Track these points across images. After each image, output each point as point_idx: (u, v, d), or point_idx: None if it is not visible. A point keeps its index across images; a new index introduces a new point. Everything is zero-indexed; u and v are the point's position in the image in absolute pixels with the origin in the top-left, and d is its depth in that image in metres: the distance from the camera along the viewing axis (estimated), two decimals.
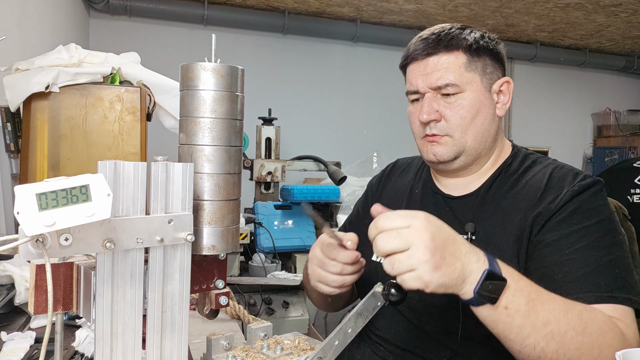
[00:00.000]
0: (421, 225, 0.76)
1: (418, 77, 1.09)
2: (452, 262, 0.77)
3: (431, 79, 1.07)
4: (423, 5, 4.04)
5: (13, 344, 1.03)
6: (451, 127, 1.07)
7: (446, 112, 1.07)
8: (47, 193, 0.56)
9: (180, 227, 0.69)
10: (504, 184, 1.09)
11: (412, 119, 1.14)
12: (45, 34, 2.56)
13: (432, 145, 1.09)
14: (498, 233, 1.03)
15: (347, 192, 2.75)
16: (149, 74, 1.75)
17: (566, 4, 3.92)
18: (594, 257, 0.94)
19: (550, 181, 1.04)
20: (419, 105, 1.10)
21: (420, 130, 1.10)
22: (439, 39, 1.08)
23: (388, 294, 0.80)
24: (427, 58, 1.08)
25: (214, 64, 0.73)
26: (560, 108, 5.39)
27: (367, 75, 4.70)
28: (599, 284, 0.91)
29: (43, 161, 1.55)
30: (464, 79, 1.07)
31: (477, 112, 1.08)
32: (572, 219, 0.98)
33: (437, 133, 1.08)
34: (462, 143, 1.08)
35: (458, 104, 1.07)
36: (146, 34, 4.02)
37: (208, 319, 0.82)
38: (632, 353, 0.69)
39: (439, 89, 1.07)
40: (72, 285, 0.67)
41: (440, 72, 1.06)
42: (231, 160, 0.75)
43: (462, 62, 1.08)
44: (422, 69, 1.09)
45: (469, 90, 1.07)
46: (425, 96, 1.08)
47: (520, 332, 0.82)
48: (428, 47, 1.08)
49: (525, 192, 1.06)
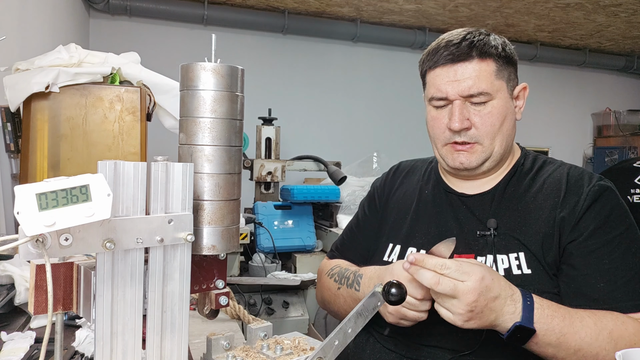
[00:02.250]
0: (472, 287, 0.86)
1: (447, 84, 1.07)
2: (487, 315, 0.89)
3: (463, 86, 1.05)
4: (423, 5, 4.04)
5: (13, 344, 1.03)
6: (481, 135, 1.07)
7: (476, 120, 1.07)
8: (47, 193, 0.56)
9: (180, 227, 0.69)
10: (521, 183, 1.12)
11: (434, 124, 1.12)
12: (45, 34, 2.56)
13: (460, 154, 1.09)
14: (520, 229, 1.05)
15: (347, 192, 2.75)
16: (149, 74, 1.75)
17: (566, 4, 3.92)
18: (631, 264, 0.99)
19: (569, 182, 1.08)
20: (444, 112, 1.09)
21: (446, 137, 1.09)
22: (472, 45, 1.06)
23: (388, 294, 0.80)
24: (457, 64, 1.06)
25: (214, 64, 0.73)
26: (560, 108, 5.39)
27: (367, 75, 4.69)
28: (637, 291, 0.98)
29: (43, 161, 1.55)
30: (494, 87, 1.07)
31: (504, 119, 1.09)
32: (606, 227, 1.02)
33: (468, 141, 1.08)
34: (490, 150, 1.09)
35: (488, 112, 1.07)
36: (146, 34, 4.02)
37: (208, 319, 0.82)
38: (632, 353, 0.69)
39: (470, 97, 1.06)
40: (72, 285, 0.67)
41: (472, 80, 1.05)
42: (231, 160, 0.75)
43: (493, 70, 1.08)
44: (452, 75, 1.06)
45: (498, 97, 1.08)
46: (455, 103, 1.06)
47: (554, 356, 0.93)
48: (460, 53, 1.06)
49: (545, 191, 1.08)
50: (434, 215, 1.16)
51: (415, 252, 1.10)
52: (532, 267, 1.02)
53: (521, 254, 1.03)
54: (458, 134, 1.07)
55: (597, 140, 5.54)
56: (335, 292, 1.19)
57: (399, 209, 1.24)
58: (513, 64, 1.13)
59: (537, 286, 0.99)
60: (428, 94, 1.13)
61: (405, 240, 1.17)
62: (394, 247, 1.18)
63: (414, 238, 1.15)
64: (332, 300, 1.23)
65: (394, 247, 1.17)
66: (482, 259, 1.06)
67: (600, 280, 0.98)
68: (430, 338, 1.05)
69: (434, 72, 1.10)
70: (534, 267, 1.01)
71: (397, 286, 0.80)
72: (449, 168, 1.14)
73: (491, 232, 1.05)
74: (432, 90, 1.10)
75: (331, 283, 1.22)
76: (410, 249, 1.14)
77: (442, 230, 1.12)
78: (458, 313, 0.87)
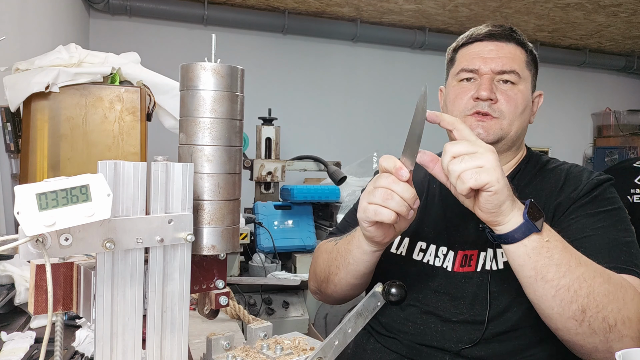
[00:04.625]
0: (489, 148, 0.81)
1: (481, 59, 1.12)
2: (506, 189, 0.81)
3: (497, 62, 1.11)
4: (423, 5, 4.04)
5: (13, 344, 1.03)
6: (503, 111, 1.10)
7: (501, 97, 1.10)
8: (47, 193, 0.56)
9: (180, 227, 0.69)
10: (526, 176, 1.15)
11: (457, 96, 1.13)
12: (45, 34, 2.56)
13: (480, 125, 1.10)
14: None
15: (347, 192, 2.75)
16: (149, 74, 1.75)
17: (566, 4, 3.92)
18: (614, 236, 0.98)
19: (569, 175, 1.11)
20: (470, 85, 1.12)
21: (469, 107, 1.11)
22: (511, 31, 1.14)
23: (388, 294, 0.80)
24: (496, 41, 1.12)
25: (214, 64, 0.73)
26: (560, 108, 5.39)
27: (367, 75, 4.69)
28: (619, 257, 0.95)
29: (43, 161, 1.55)
30: (524, 74, 1.13)
31: (525, 108, 1.13)
32: (593, 204, 1.03)
33: (490, 113, 1.10)
34: (508, 130, 1.11)
35: (514, 93, 1.11)
36: (146, 34, 4.02)
37: (208, 319, 0.82)
38: (632, 353, 0.69)
39: (502, 74, 1.10)
40: (72, 285, 0.67)
41: (507, 59, 1.11)
42: (231, 160, 0.75)
43: (525, 58, 1.14)
44: (487, 51, 1.12)
45: (524, 85, 1.13)
46: (484, 77, 1.10)
47: (558, 270, 0.83)
48: (502, 33, 1.13)
49: (547, 182, 1.11)
50: (441, 210, 1.17)
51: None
52: None
53: None
54: (483, 103, 1.09)
55: (597, 140, 5.54)
56: (331, 249, 1.14)
57: None
58: (536, 68, 1.18)
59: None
60: (458, 67, 1.16)
61: (414, 233, 1.17)
62: (402, 240, 1.17)
63: (422, 232, 1.16)
64: (328, 261, 1.14)
65: (403, 240, 1.17)
66: (483, 254, 1.07)
67: (579, 245, 0.93)
68: (430, 338, 1.06)
69: (470, 47, 1.15)
70: None
71: (397, 286, 0.80)
72: None
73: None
74: (463, 62, 1.14)
75: (329, 245, 1.17)
76: (420, 243, 1.15)
77: (448, 226, 1.14)
78: (489, 161, 0.78)
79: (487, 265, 1.06)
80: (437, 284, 1.09)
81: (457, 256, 1.10)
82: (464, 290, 1.06)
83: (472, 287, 1.06)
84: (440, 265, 1.11)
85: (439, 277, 1.10)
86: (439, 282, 1.09)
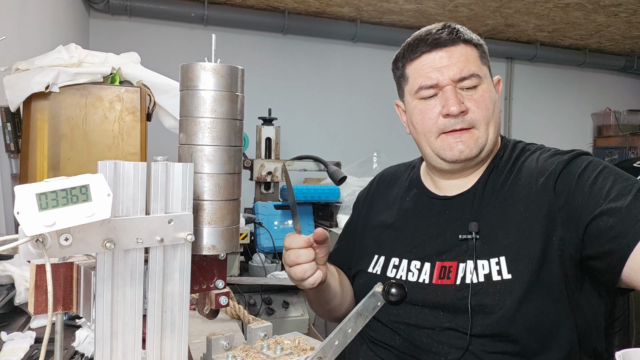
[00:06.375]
0: None
1: (436, 70, 1.03)
2: None
3: (453, 70, 1.02)
4: (423, 5, 4.04)
5: (13, 344, 1.03)
6: (477, 119, 1.03)
7: (470, 105, 1.03)
8: (47, 193, 0.56)
9: (180, 227, 0.69)
10: (499, 177, 1.07)
11: (424, 117, 1.06)
12: (45, 34, 2.56)
13: (459, 141, 1.04)
14: (501, 229, 1.01)
15: (347, 192, 2.75)
16: (149, 74, 1.75)
17: (566, 4, 3.92)
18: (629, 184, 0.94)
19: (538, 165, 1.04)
20: (433, 102, 1.05)
21: (440, 126, 1.05)
22: (454, 31, 1.05)
23: (388, 294, 0.80)
24: (444, 49, 1.04)
25: (214, 64, 0.73)
26: (560, 108, 5.39)
27: (367, 75, 4.69)
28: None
29: (43, 161, 1.55)
30: (482, 71, 1.06)
31: (494, 105, 1.07)
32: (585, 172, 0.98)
33: (465, 126, 1.03)
34: (486, 136, 1.05)
35: (480, 96, 1.04)
36: (146, 34, 4.02)
37: (208, 319, 0.82)
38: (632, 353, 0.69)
39: (462, 80, 1.03)
40: (72, 285, 0.67)
41: (462, 63, 1.03)
42: (231, 160, 0.75)
43: (477, 55, 1.07)
44: (439, 60, 1.03)
45: (486, 83, 1.06)
46: (447, 89, 1.03)
47: None
48: (445, 38, 1.04)
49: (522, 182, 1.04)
50: (415, 223, 1.13)
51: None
52: (513, 271, 0.96)
53: (502, 258, 0.98)
54: (455, 119, 1.02)
55: (597, 140, 5.54)
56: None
57: (381, 220, 1.21)
58: (487, 56, 1.11)
59: (518, 292, 0.94)
60: (414, 85, 1.07)
61: (388, 251, 1.15)
62: (378, 259, 1.16)
63: (396, 248, 1.13)
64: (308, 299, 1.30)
65: (379, 259, 1.16)
66: (463, 265, 1.01)
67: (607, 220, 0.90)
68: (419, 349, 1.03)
69: (419, 61, 1.06)
70: (515, 271, 0.96)
71: (397, 286, 0.80)
72: (447, 162, 1.07)
73: (473, 236, 1.01)
74: (419, 80, 1.06)
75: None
76: (393, 259, 1.12)
77: (424, 238, 1.10)
78: None
79: (467, 278, 0.99)
80: (413, 298, 1.04)
81: (434, 268, 1.05)
82: (442, 300, 1.01)
83: (450, 298, 1.00)
84: (415, 280, 1.06)
85: (414, 291, 1.04)
86: (415, 296, 1.04)
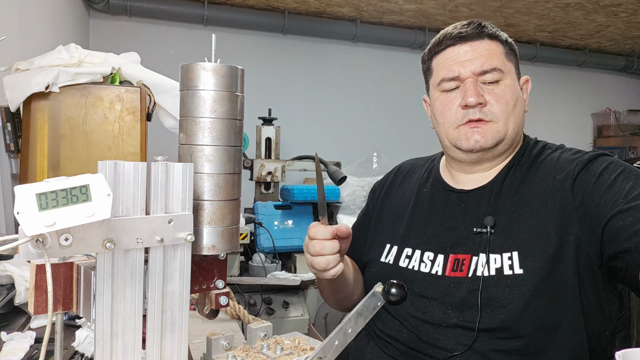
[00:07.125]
0: None
1: (459, 63, 1.07)
2: None
3: (475, 64, 1.06)
4: (423, 5, 4.03)
5: (13, 344, 1.03)
6: (495, 113, 1.06)
7: (489, 99, 1.06)
8: (47, 193, 0.56)
9: (180, 227, 0.69)
10: (518, 174, 1.09)
11: (445, 108, 1.10)
12: (45, 34, 2.56)
13: (475, 132, 1.06)
14: (516, 225, 1.02)
15: (347, 192, 2.75)
16: (149, 74, 1.75)
17: (566, 4, 3.92)
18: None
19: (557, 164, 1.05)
20: (455, 94, 1.08)
21: (459, 117, 1.07)
22: (481, 26, 1.08)
23: (388, 294, 0.80)
24: (469, 42, 1.07)
25: (214, 64, 0.73)
26: (561, 108, 5.39)
27: (367, 75, 4.69)
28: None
29: (43, 161, 1.55)
30: (506, 67, 1.08)
31: (516, 101, 1.08)
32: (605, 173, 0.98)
33: (483, 117, 1.05)
34: (505, 130, 1.07)
35: (501, 91, 1.06)
36: (146, 34, 4.02)
37: (208, 319, 0.82)
38: (632, 353, 0.69)
39: (484, 74, 1.06)
40: (72, 285, 0.67)
41: (485, 57, 1.06)
42: (231, 160, 0.75)
43: (502, 51, 1.09)
44: (463, 54, 1.07)
45: (509, 79, 1.08)
46: (467, 81, 1.06)
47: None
48: (471, 33, 1.08)
49: (539, 180, 1.05)
50: (430, 214, 1.15)
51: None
52: (525, 266, 0.97)
53: (515, 253, 0.99)
54: (473, 110, 1.05)
55: (597, 140, 5.54)
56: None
57: (397, 210, 1.23)
58: (516, 56, 1.13)
59: (529, 288, 0.96)
60: (437, 77, 1.11)
61: (401, 240, 1.16)
62: (391, 248, 1.17)
63: (409, 238, 1.15)
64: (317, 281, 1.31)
65: (391, 248, 1.17)
66: (475, 259, 1.03)
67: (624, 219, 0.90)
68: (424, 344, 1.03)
69: (444, 54, 1.10)
70: (527, 267, 0.97)
71: (397, 286, 0.80)
72: (463, 151, 1.09)
73: (487, 229, 1.03)
74: (442, 72, 1.09)
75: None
76: (406, 249, 1.14)
77: (438, 230, 1.11)
78: None
79: (478, 271, 1.01)
80: (423, 290, 1.06)
81: (448, 260, 1.06)
82: (452, 295, 1.03)
83: (461, 292, 1.02)
84: (428, 271, 1.08)
85: (425, 282, 1.06)
86: (426, 288, 1.06)
